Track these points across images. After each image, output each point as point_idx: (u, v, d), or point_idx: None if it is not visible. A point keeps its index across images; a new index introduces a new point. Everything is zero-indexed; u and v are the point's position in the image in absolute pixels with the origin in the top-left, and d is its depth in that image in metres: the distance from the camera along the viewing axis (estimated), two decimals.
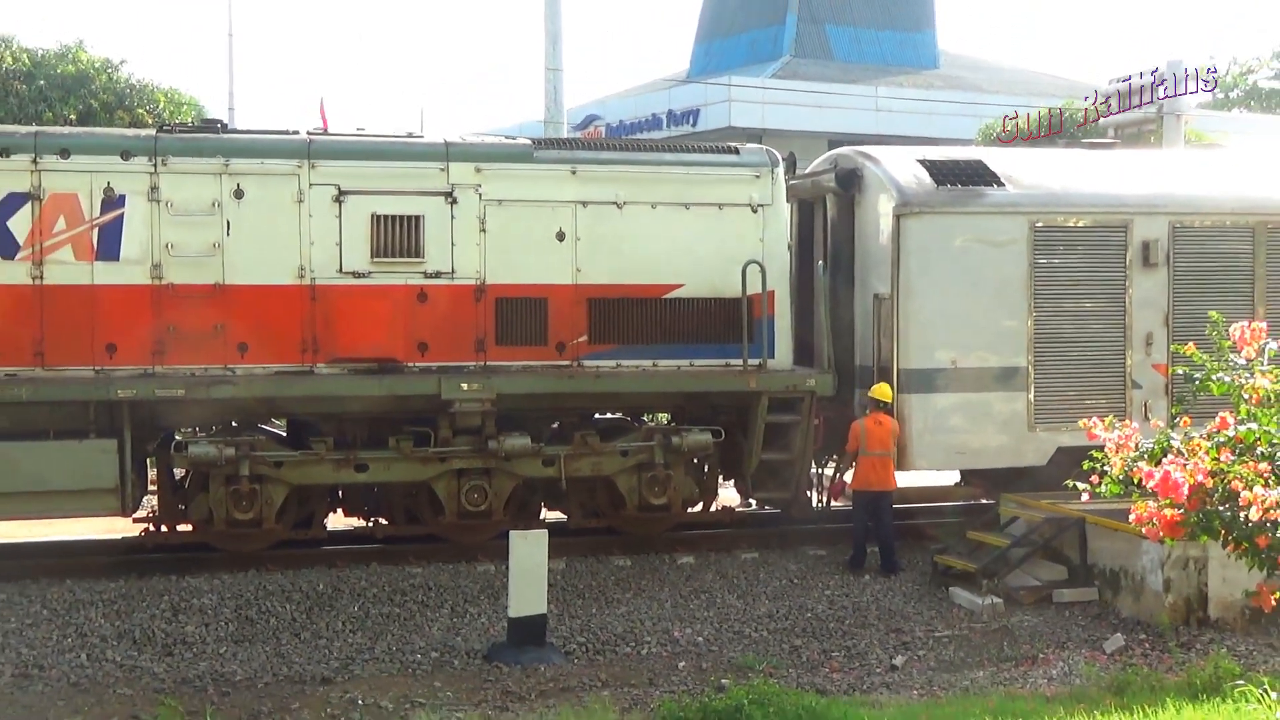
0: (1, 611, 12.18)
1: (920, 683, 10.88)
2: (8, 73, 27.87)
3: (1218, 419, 7.95)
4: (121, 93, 28.40)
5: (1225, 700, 9.03)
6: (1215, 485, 7.54)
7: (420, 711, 10.11)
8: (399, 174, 14.02)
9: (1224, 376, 8.43)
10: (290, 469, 13.73)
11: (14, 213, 13.16)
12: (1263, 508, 7.10)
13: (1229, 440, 7.72)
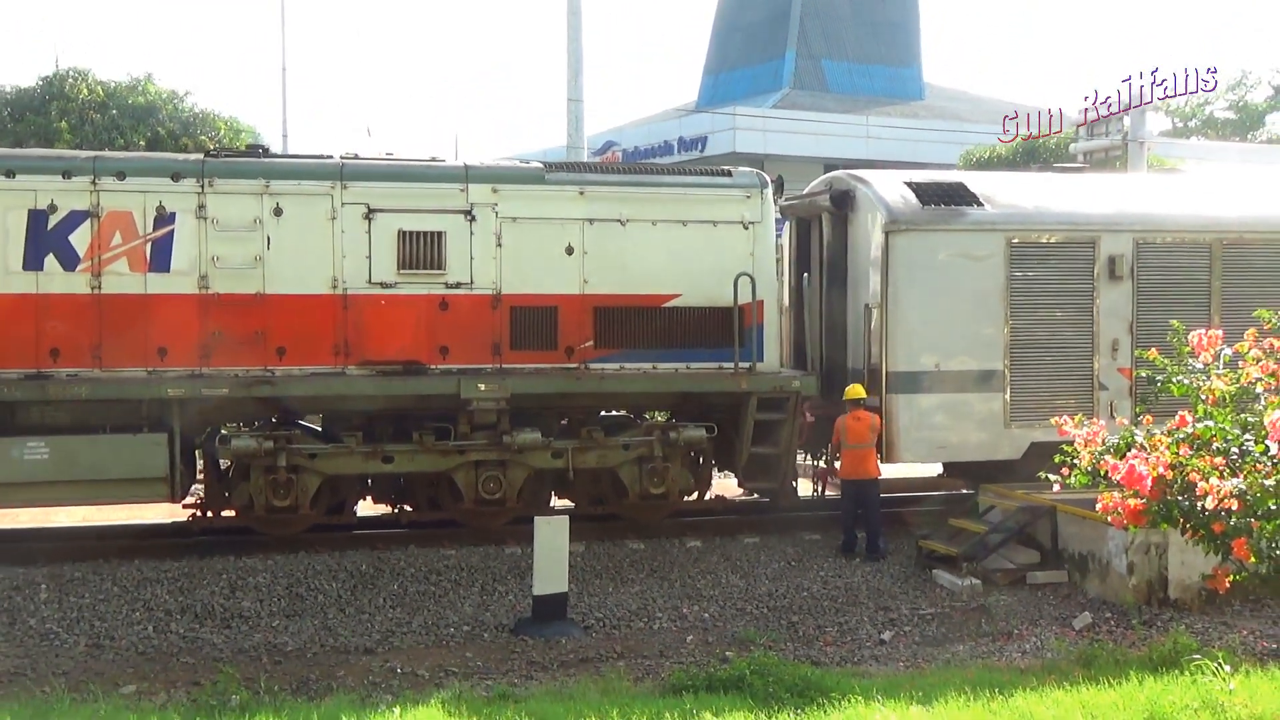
0: (76, 588, 12.41)
1: (906, 656, 11.10)
2: (84, 103, 28.08)
3: (1177, 417, 8.23)
4: (186, 121, 28.60)
5: (1183, 673, 9.23)
6: (1175, 477, 7.82)
7: (453, 680, 10.28)
8: (423, 194, 14.25)
9: (1183, 379, 8.74)
10: (323, 460, 13.93)
11: (75, 228, 13.37)
12: (1218, 498, 7.37)
13: (1188, 436, 8.00)
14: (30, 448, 13.07)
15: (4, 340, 13.26)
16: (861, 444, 14.22)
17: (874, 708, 8.74)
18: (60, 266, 13.40)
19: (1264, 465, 7.60)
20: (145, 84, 30.15)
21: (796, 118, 45.25)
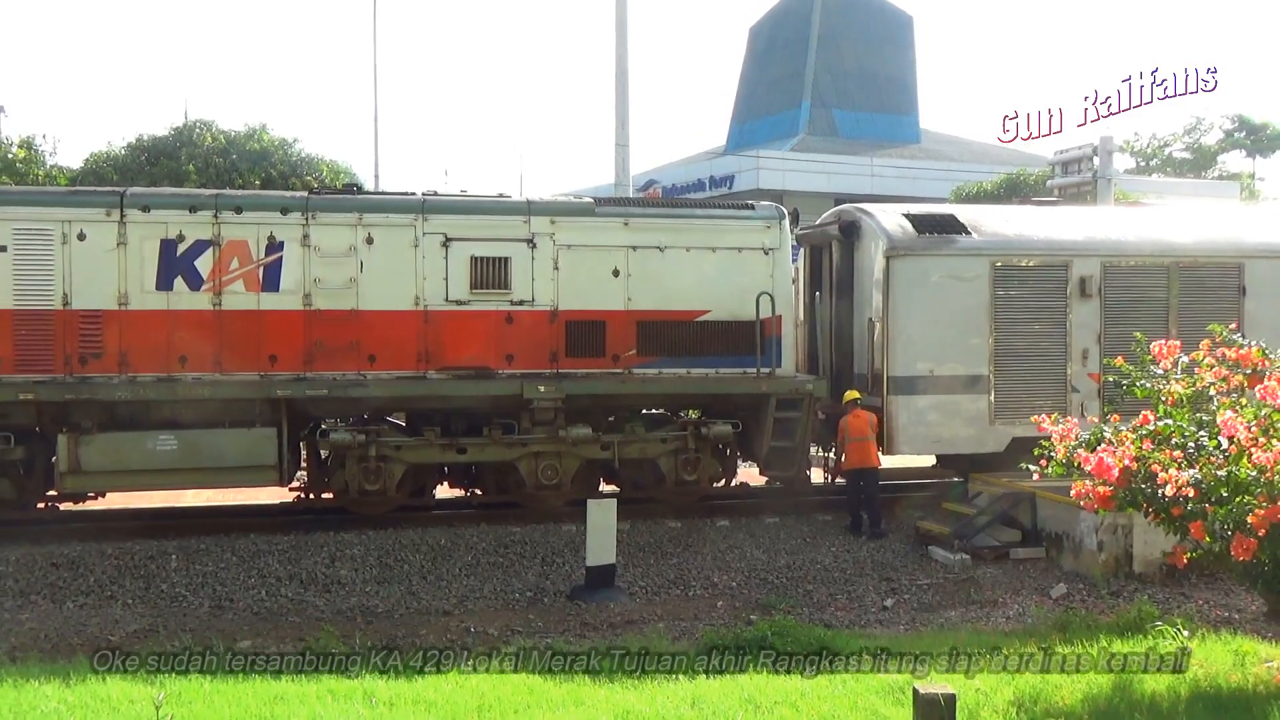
0: (201, 558, 12.57)
1: (905, 620, 11.14)
2: (209, 149, 28.48)
3: (1141, 416, 8.25)
4: (294, 164, 28.89)
5: (1146, 636, 9.21)
6: (1139, 468, 7.81)
7: (518, 637, 10.34)
8: (492, 225, 14.27)
9: (1146, 383, 8.71)
10: (407, 451, 13.99)
11: (200, 255, 13.50)
12: (1177, 486, 7.39)
13: (1150, 433, 8.04)
14: (162, 440, 13.21)
15: (141, 349, 13.39)
16: (862, 437, 14.21)
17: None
18: (187, 287, 13.51)
19: (1217, 458, 7.59)
20: (260, 133, 30.49)
21: (810, 159, 45.49)
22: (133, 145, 31.46)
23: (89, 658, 8.93)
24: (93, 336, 13.31)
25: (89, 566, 12.32)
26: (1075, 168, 24.94)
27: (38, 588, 11.83)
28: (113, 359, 13.33)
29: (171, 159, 29.56)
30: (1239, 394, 8.29)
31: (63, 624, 10.91)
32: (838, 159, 45.70)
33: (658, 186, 46.75)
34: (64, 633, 10.63)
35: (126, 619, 11.10)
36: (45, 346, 13.20)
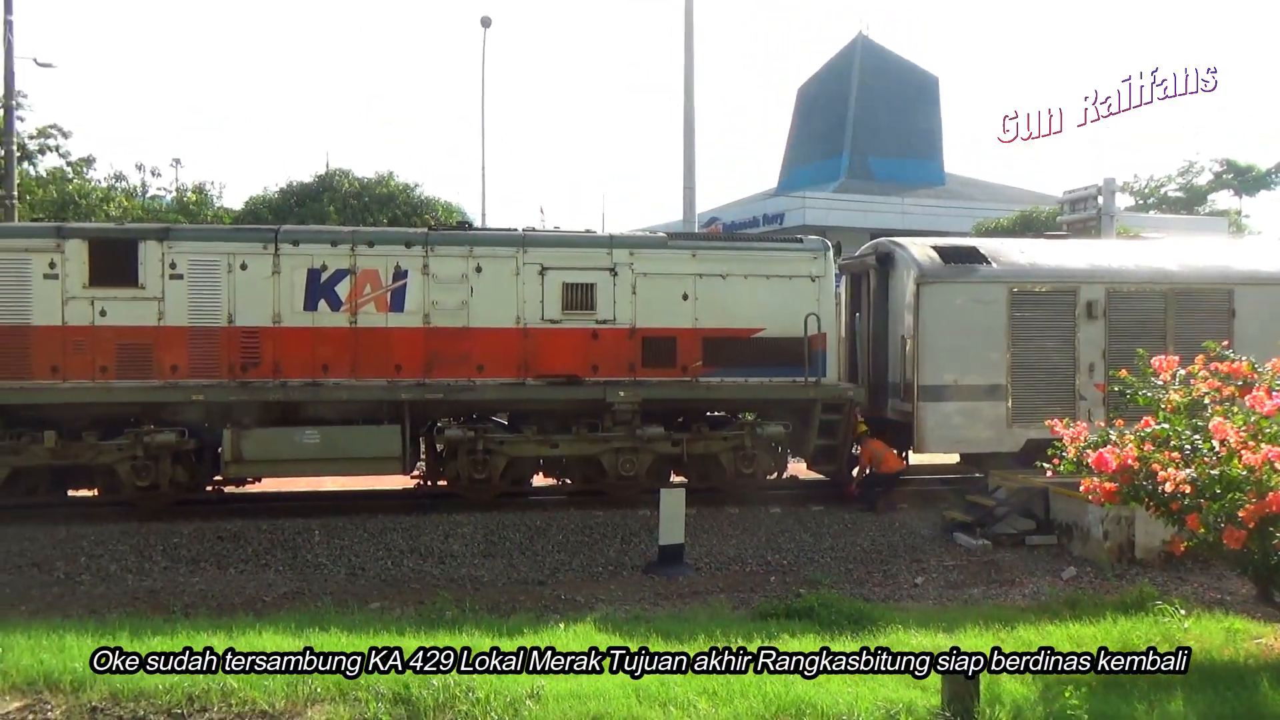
0: (338, 533, 12.73)
1: (934, 595, 10.95)
2: (345, 193, 29.10)
3: (1142, 421, 8.07)
4: (416, 205, 29.41)
5: (1147, 615, 9.01)
6: (1141, 467, 7.64)
7: (602, 605, 10.36)
8: (580, 256, 14.29)
9: (1147, 393, 8.48)
10: (509, 446, 14.04)
11: (339, 282, 13.70)
12: (1174, 483, 7.23)
13: (1150, 436, 7.83)
14: (307, 435, 13.40)
15: (291, 359, 13.63)
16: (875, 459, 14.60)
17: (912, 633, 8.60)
18: (329, 308, 13.72)
19: (1210, 459, 7.38)
20: (388, 179, 31.04)
21: (850, 199, 45.09)
22: (284, 190, 32.23)
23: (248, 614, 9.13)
24: (252, 349, 13.58)
25: (247, 539, 12.55)
26: (1082, 205, 24.41)
27: (206, 556, 12.09)
28: (268, 367, 13.58)
29: (315, 201, 30.22)
30: (1230, 403, 8.06)
31: (226, 586, 11.13)
32: (873, 199, 45.26)
33: (719, 223, 46.58)
34: (227, 593, 10.83)
35: (278, 583, 11.29)
36: (214, 357, 13.50)
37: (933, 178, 53.25)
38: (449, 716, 6.45)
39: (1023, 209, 37.23)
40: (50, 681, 7.08)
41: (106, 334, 13.32)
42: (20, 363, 13.21)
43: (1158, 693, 6.98)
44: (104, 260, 13.36)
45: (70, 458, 13.25)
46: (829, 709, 6.55)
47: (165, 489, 13.47)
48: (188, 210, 35.59)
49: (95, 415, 13.42)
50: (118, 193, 38.45)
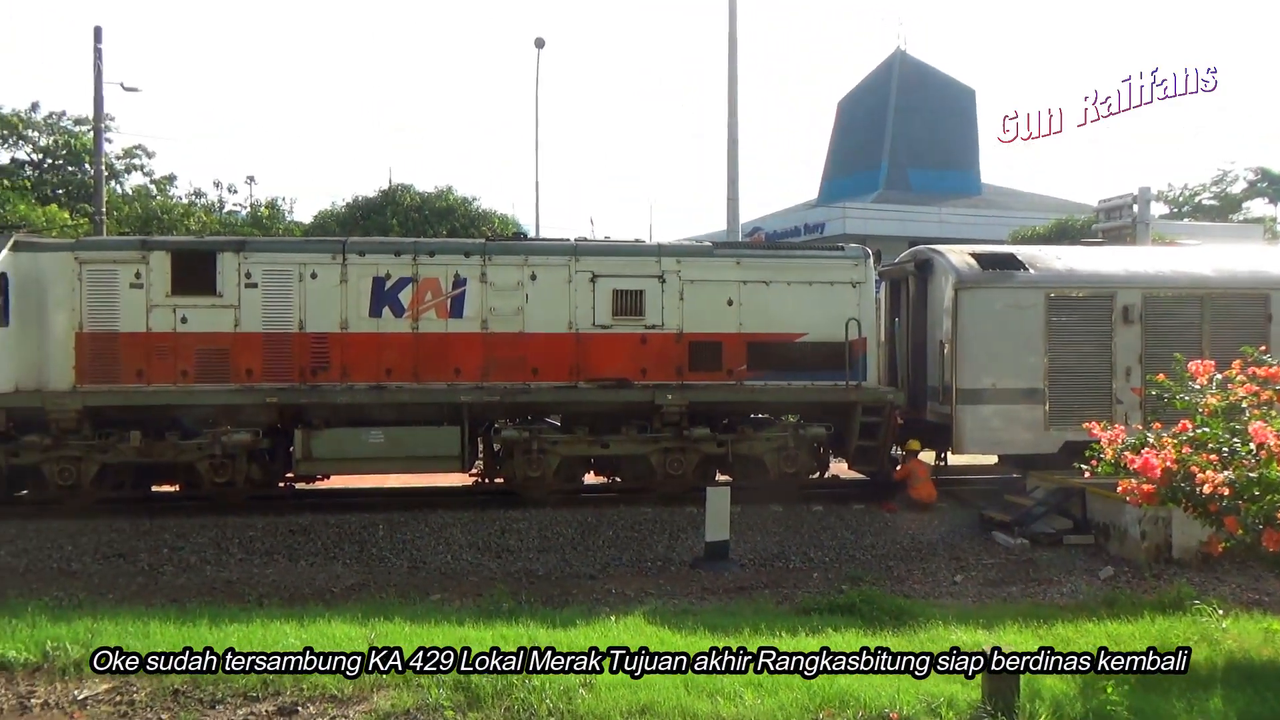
0: (401, 528, 12.73)
1: (973, 593, 10.75)
2: (407, 207, 29.45)
3: (1179, 424, 7.92)
4: (474, 217, 29.67)
5: (1185, 614, 8.82)
6: (1179, 469, 7.47)
7: (651, 598, 10.34)
8: (630, 265, 14.27)
9: (1185, 396, 8.33)
10: (562, 446, 14.02)
11: (402, 290, 13.80)
12: (1213, 485, 7.08)
13: (1189, 439, 7.68)
14: (373, 435, 13.53)
15: (357, 363, 13.76)
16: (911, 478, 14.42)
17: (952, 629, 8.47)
18: (392, 315, 13.82)
19: (1249, 461, 7.20)
20: (447, 193, 31.34)
21: (888, 209, 44.64)
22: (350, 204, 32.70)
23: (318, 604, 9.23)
24: (321, 353, 13.75)
25: (316, 533, 12.69)
26: (1117, 213, 23.90)
27: (279, 549, 12.26)
28: (336, 371, 13.73)
29: (379, 214, 30.62)
30: (1269, 407, 7.84)
31: (297, 577, 11.27)
32: (911, 209, 44.73)
33: (762, 232, 46.56)
34: (298, 584, 10.97)
35: (345, 575, 11.40)
36: (286, 361, 13.69)
37: (969, 188, 52.51)
38: (506, 703, 6.48)
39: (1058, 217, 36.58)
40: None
41: (187, 340, 13.59)
42: (109, 367, 13.53)
43: (1197, 691, 6.81)
44: (185, 271, 13.63)
45: (154, 456, 13.54)
46: (871, 701, 6.47)
47: (241, 485, 13.69)
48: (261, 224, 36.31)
49: (177, 416, 13.69)
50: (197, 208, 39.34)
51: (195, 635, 7.88)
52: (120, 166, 41.10)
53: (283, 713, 6.56)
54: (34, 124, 40.41)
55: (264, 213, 37.65)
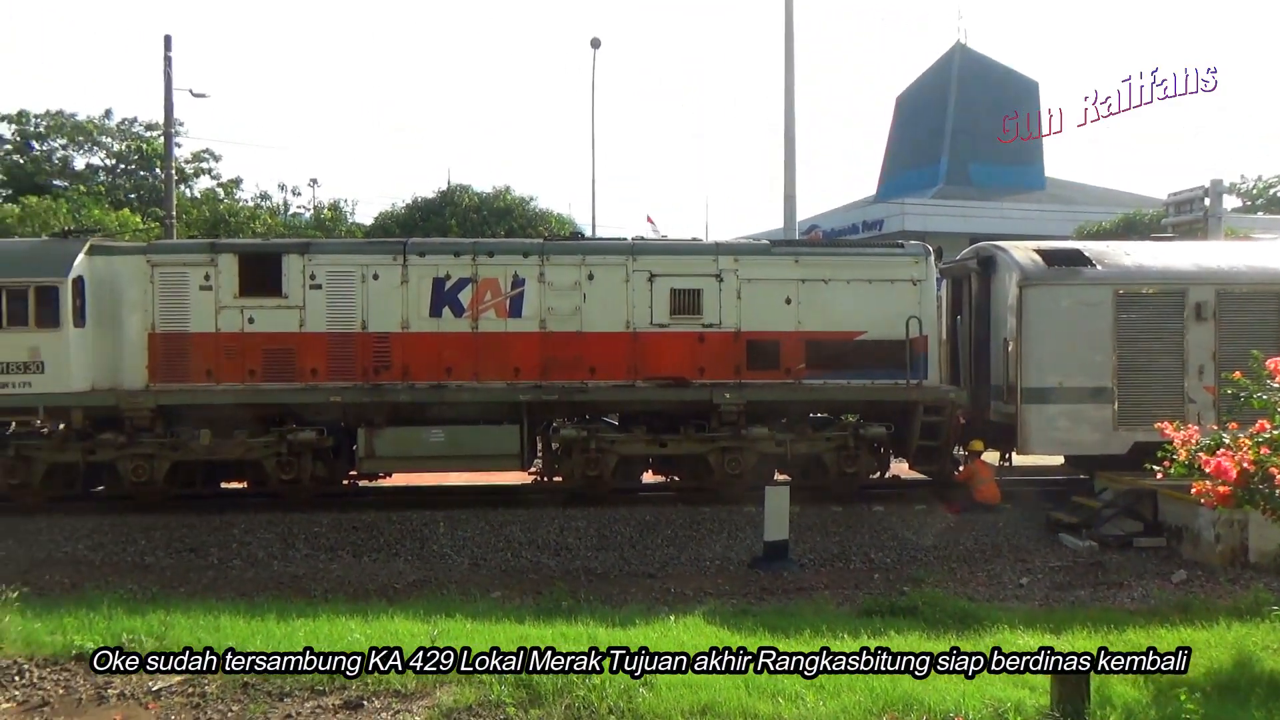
0: (462, 525, 12.93)
1: (1039, 596, 10.55)
2: (466, 208, 29.76)
3: (1257, 424, 7.61)
4: (531, 217, 29.89)
5: (1264, 620, 8.55)
6: (1256, 470, 7.25)
7: (709, 598, 10.31)
8: (687, 264, 14.23)
9: (1262, 395, 8.10)
10: (620, 444, 14.03)
11: (461, 290, 13.92)
12: None
13: (1267, 439, 7.40)
14: (434, 433, 13.66)
15: (418, 362, 13.89)
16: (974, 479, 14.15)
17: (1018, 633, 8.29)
18: (452, 314, 13.94)
19: None
20: (504, 194, 31.57)
21: (949, 204, 43.84)
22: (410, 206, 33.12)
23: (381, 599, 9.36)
24: (383, 353, 13.93)
25: (379, 530, 12.86)
26: (1188, 207, 23.13)
27: (343, 545, 12.46)
28: (398, 370, 13.90)
29: (438, 215, 30.96)
30: None
31: (361, 573, 11.46)
32: (972, 204, 43.85)
33: (818, 230, 45.97)
34: (362, 580, 11.15)
35: (407, 571, 11.56)
36: (349, 360, 13.90)
37: (1032, 182, 51.30)
38: (567, 701, 6.50)
39: (1126, 212, 35.55)
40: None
41: (254, 340, 13.88)
42: (180, 366, 13.88)
43: (1276, 700, 6.56)
44: (252, 273, 13.93)
45: (223, 453, 13.86)
46: (936, 706, 6.36)
47: (306, 482, 13.94)
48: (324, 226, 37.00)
49: (244, 414, 13.98)
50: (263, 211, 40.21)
51: (263, 629, 8.05)
52: (189, 170, 42.25)
53: (349, 706, 6.66)
54: (108, 130, 41.77)
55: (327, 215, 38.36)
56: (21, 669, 7.28)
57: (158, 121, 37.70)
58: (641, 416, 14.34)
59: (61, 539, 12.51)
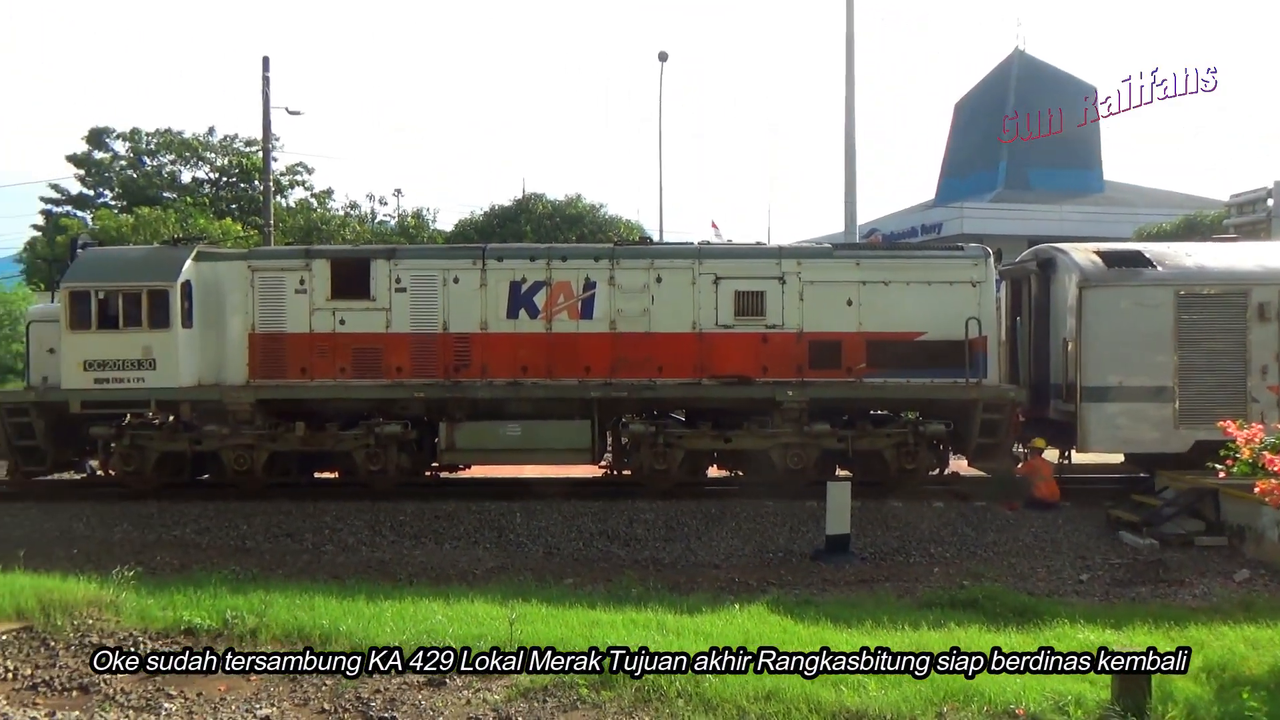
0: (537, 516, 13.03)
1: (1100, 593, 10.21)
2: (540, 215, 30.12)
3: None
4: (601, 223, 30.12)
5: None
6: None
7: (773, 588, 10.23)
8: (751, 267, 14.19)
9: None
10: (686, 439, 14.05)
11: (536, 292, 14.08)
12: None
13: None
14: (510, 428, 13.84)
15: (496, 361, 14.09)
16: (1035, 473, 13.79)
17: (1078, 627, 8.07)
18: (528, 316, 14.10)
19: None
20: (576, 201, 31.82)
21: (1007, 208, 42.83)
22: (487, 213, 33.59)
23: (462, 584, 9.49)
24: (463, 352, 14.15)
25: (459, 519, 13.03)
26: (1250, 208, 22.29)
27: (426, 533, 12.66)
28: (476, 369, 14.10)
29: (514, 222, 31.35)
30: None
31: (443, 559, 11.63)
32: (1031, 207, 42.81)
33: (878, 233, 45.37)
34: (443, 566, 11.30)
35: (485, 559, 11.69)
36: (431, 359, 14.15)
37: (1091, 186, 49.82)
38: (637, 684, 6.52)
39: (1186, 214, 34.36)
40: (303, 635, 7.61)
41: (345, 340, 14.22)
42: (277, 364, 14.29)
43: None
44: (343, 277, 14.27)
45: (316, 445, 14.23)
46: (996, 697, 6.24)
47: (392, 473, 14.23)
48: (408, 233, 37.70)
49: (335, 409, 14.35)
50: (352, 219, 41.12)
51: (354, 609, 8.24)
52: (285, 182, 43.44)
53: (432, 684, 6.78)
54: (211, 146, 43.17)
55: (411, 223, 39.07)
56: (137, 641, 7.57)
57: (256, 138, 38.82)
58: (707, 413, 14.31)
59: (171, 523, 12.96)
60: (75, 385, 13.84)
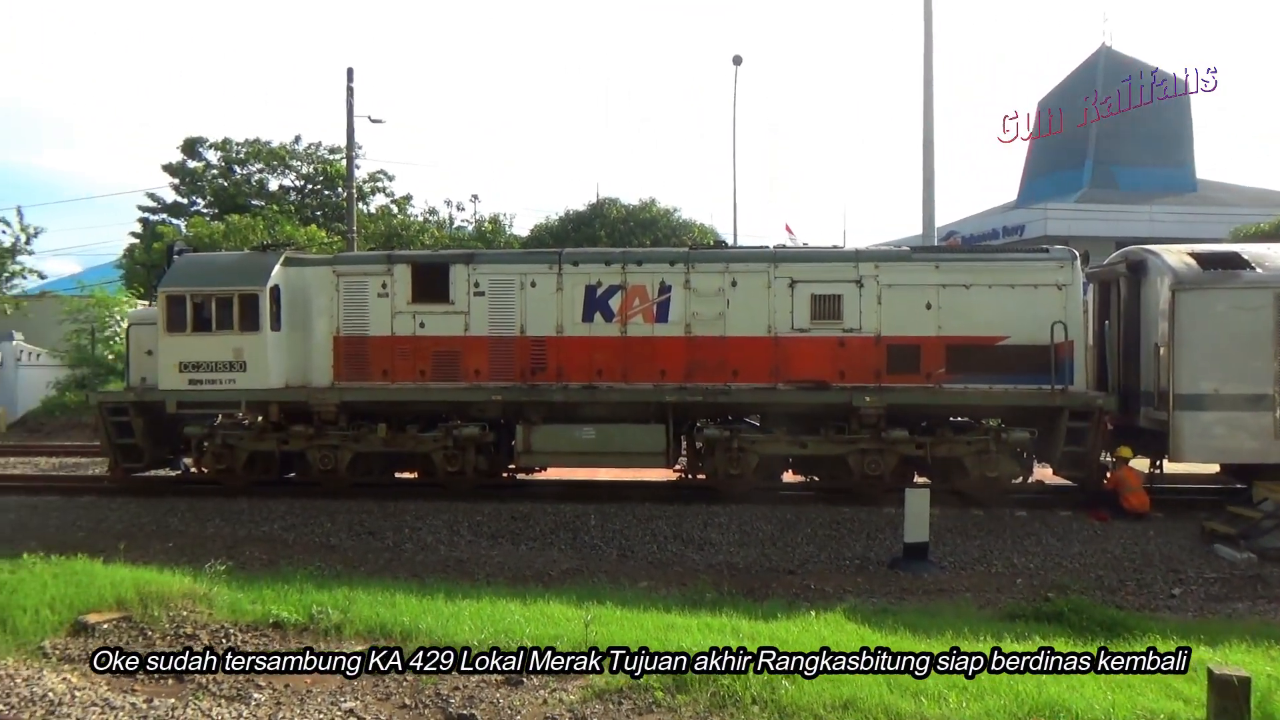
0: (611, 518, 13.10)
1: (1193, 608, 9.83)
2: (614, 219, 30.38)
3: None
4: (675, 227, 30.23)
5: None
6: None
7: (849, 596, 10.08)
8: (827, 270, 14.04)
9: None
10: (761, 444, 13.97)
11: (611, 296, 14.17)
12: None
13: None
14: (584, 431, 13.95)
15: (571, 364, 14.22)
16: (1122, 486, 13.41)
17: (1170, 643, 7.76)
18: (603, 320, 14.19)
19: None
20: (650, 205, 31.91)
21: (1093, 208, 41.38)
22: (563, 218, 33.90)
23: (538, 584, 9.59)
24: (539, 355, 14.31)
25: (535, 520, 13.17)
26: None
27: (503, 533, 12.83)
28: (552, 372, 14.25)
29: (589, 227, 31.59)
30: None
31: (519, 560, 11.77)
32: (1118, 208, 41.23)
33: (957, 235, 44.31)
34: (520, 566, 11.44)
35: (561, 560, 11.79)
36: (508, 362, 14.35)
37: (1182, 184, 47.85)
38: (713, 689, 6.50)
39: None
40: (384, 631, 7.79)
41: (425, 343, 14.52)
42: (361, 366, 14.68)
43: None
44: (423, 281, 14.58)
45: (397, 446, 14.55)
46: (1083, 712, 6.03)
47: (470, 474, 14.48)
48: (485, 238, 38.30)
49: (415, 411, 14.65)
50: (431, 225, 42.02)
51: (433, 607, 8.39)
52: (367, 189, 44.60)
53: (509, 683, 6.87)
54: (297, 155, 44.57)
55: (488, 228, 39.69)
56: (228, 633, 7.86)
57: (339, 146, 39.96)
58: (782, 418, 14.18)
59: (260, 519, 13.40)
60: (171, 386, 14.42)
